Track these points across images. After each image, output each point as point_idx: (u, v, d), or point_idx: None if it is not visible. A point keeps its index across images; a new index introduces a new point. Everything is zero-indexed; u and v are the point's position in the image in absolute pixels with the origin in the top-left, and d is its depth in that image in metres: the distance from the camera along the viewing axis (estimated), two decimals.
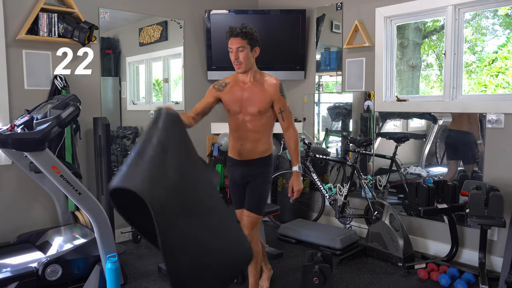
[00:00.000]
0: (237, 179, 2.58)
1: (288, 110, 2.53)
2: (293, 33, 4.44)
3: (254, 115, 2.45)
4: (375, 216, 3.52)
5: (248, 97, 2.45)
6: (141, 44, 4.07)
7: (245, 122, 2.47)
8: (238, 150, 2.52)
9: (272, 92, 2.46)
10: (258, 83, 2.48)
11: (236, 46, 2.39)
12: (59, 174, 2.50)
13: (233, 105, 2.47)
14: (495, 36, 3.45)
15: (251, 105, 2.44)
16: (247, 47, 2.41)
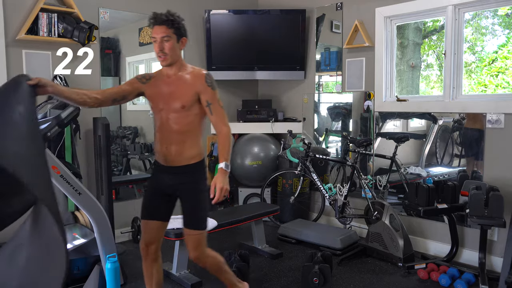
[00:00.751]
0: (162, 187, 2.26)
1: (218, 104, 2.24)
2: (293, 33, 4.44)
3: (178, 112, 2.17)
4: (375, 216, 3.52)
5: (172, 92, 2.18)
6: (141, 44, 4.07)
7: (169, 120, 2.19)
8: (164, 154, 2.22)
9: (197, 82, 2.19)
10: (183, 76, 2.21)
11: (160, 36, 2.11)
12: (59, 174, 2.50)
13: (156, 100, 2.21)
14: (495, 36, 3.45)
15: (174, 100, 2.17)
16: (173, 37, 2.14)
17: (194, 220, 2.24)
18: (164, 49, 2.12)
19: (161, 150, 2.22)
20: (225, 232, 4.12)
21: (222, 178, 2.16)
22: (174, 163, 2.21)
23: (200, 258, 2.26)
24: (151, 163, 4.23)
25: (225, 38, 4.46)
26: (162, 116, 2.19)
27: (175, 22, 2.16)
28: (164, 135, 2.21)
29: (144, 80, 2.24)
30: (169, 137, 2.20)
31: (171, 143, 2.20)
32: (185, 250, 3.08)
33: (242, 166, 4.45)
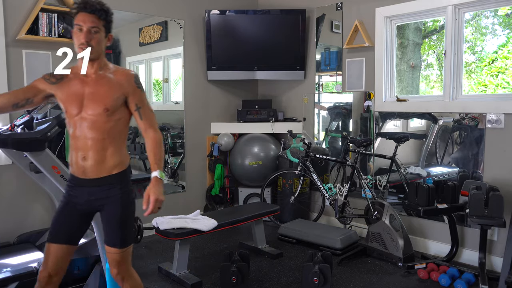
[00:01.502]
0: (79, 204, 1.94)
1: (148, 108, 2.00)
2: (293, 33, 4.44)
3: (98, 116, 1.88)
4: (375, 216, 3.52)
5: (91, 93, 1.90)
6: (141, 44, 4.07)
7: (87, 127, 1.89)
8: (82, 166, 1.91)
9: (125, 83, 1.95)
10: (106, 75, 1.96)
11: (89, 25, 1.83)
12: (59, 174, 2.50)
13: (70, 103, 1.90)
14: (495, 36, 3.45)
15: (94, 103, 1.88)
16: (102, 30, 1.89)
17: (118, 238, 1.94)
18: (90, 41, 1.85)
19: (78, 161, 1.91)
20: (225, 232, 4.12)
21: (156, 189, 1.90)
22: (94, 175, 1.92)
23: (121, 275, 1.99)
24: None
25: (225, 38, 4.46)
26: (78, 121, 1.90)
27: (108, 14, 1.90)
28: (81, 142, 1.90)
29: (53, 80, 1.92)
30: (87, 145, 1.90)
31: (89, 152, 1.90)
32: (185, 250, 3.09)
33: (242, 166, 4.45)
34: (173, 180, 4.41)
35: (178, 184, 4.43)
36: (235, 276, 2.80)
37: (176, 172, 4.41)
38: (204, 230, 3.03)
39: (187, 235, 2.97)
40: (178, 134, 4.40)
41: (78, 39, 1.85)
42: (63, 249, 1.93)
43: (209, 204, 4.54)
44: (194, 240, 3.86)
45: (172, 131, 4.36)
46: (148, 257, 3.57)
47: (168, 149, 4.35)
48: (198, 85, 4.51)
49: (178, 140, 4.41)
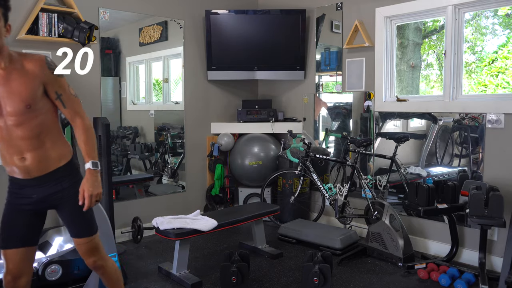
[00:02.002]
0: (28, 206, 1.85)
1: (69, 93, 1.85)
2: (293, 33, 4.44)
3: (21, 114, 1.72)
4: (375, 216, 3.52)
5: (6, 91, 1.71)
6: (141, 44, 4.07)
7: (12, 127, 1.74)
8: (23, 167, 1.78)
9: (39, 71, 1.75)
10: (15, 67, 1.73)
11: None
12: None
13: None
14: (495, 36, 3.45)
15: (12, 101, 1.70)
16: (1, 19, 1.72)
17: (83, 227, 1.92)
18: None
19: (15, 163, 1.77)
20: (225, 232, 4.12)
21: (92, 181, 1.82)
22: (39, 173, 1.81)
23: (98, 262, 1.96)
24: (151, 163, 4.24)
25: (225, 38, 4.46)
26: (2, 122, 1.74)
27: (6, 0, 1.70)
28: (14, 145, 1.76)
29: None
30: (20, 146, 1.76)
31: (25, 152, 1.77)
32: (185, 250, 3.09)
33: (242, 166, 4.45)
34: (173, 180, 4.41)
35: (178, 184, 4.43)
36: (235, 276, 2.80)
37: (176, 172, 4.42)
38: (204, 230, 3.03)
39: (187, 235, 2.97)
40: (178, 134, 4.40)
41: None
42: (21, 252, 1.85)
43: (209, 204, 4.54)
44: (194, 240, 3.86)
45: (172, 131, 4.36)
46: (148, 257, 3.57)
47: (168, 149, 4.35)
48: (198, 85, 4.51)
49: (178, 140, 4.41)
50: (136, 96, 4.14)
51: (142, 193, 4.14)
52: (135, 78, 4.13)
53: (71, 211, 1.89)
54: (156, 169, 4.29)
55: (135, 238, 3.87)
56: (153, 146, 4.23)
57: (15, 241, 1.84)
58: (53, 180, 1.85)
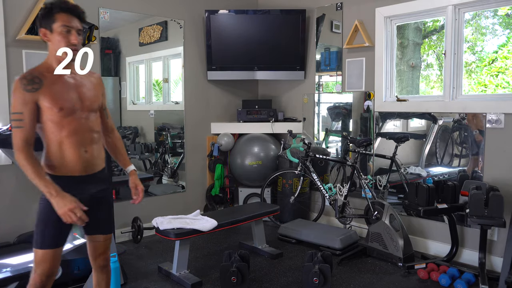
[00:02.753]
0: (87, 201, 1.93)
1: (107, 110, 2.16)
2: (293, 33, 4.44)
3: (94, 112, 1.99)
4: (375, 216, 3.52)
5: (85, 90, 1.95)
6: (141, 44, 4.07)
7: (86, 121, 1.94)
8: (84, 161, 1.93)
9: (100, 84, 2.06)
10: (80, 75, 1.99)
11: (78, 27, 1.85)
12: None
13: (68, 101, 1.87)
14: (495, 36, 3.46)
15: (90, 99, 1.96)
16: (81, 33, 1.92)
17: (112, 224, 2.18)
18: (80, 43, 1.86)
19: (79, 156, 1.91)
20: (225, 232, 4.12)
21: (139, 180, 2.19)
22: (92, 170, 1.97)
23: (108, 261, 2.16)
24: (151, 163, 4.23)
25: (225, 38, 4.46)
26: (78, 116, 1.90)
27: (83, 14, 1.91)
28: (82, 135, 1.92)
29: (36, 87, 1.79)
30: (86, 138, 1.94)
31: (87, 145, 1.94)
32: (185, 250, 3.09)
33: (242, 166, 4.45)
34: (173, 180, 4.41)
35: (178, 184, 4.43)
36: (235, 276, 2.80)
37: (176, 172, 4.41)
38: (204, 230, 3.03)
39: (187, 235, 2.97)
40: (178, 134, 4.40)
41: (67, 40, 1.82)
42: (56, 253, 1.93)
43: (209, 204, 4.54)
44: (194, 240, 3.86)
45: (172, 131, 4.36)
46: (148, 257, 3.57)
47: (168, 149, 4.35)
48: (198, 85, 4.51)
49: (178, 140, 4.41)
50: (136, 96, 4.14)
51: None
52: (135, 78, 4.13)
53: (109, 209, 2.12)
54: (156, 169, 4.29)
55: (135, 238, 3.87)
56: (153, 146, 4.23)
57: (56, 240, 1.92)
58: (99, 179, 2.03)
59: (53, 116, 1.83)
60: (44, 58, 1.90)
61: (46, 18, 1.82)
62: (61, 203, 1.79)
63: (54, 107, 1.82)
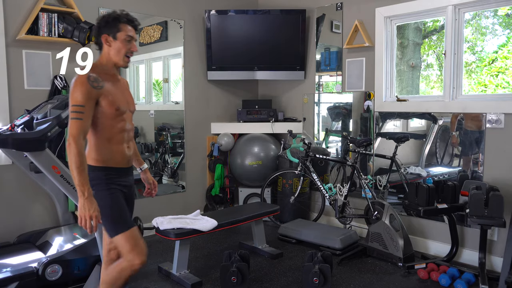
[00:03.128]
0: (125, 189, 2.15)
1: None
2: (293, 33, 4.44)
3: (132, 113, 2.22)
4: (375, 216, 3.52)
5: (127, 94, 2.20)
6: (141, 44, 4.07)
7: (129, 120, 2.19)
8: (128, 155, 2.16)
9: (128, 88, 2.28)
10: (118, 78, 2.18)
11: (135, 38, 2.09)
12: (59, 174, 2.50)
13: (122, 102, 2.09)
14: (495, 36, 3.45)
15: (132, 102, 2.22)
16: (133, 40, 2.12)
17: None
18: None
19: (124, 151, 2.12)
20: (225, 232, 4.12)
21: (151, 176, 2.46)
22: (131, 162, 2.22)
23: None
24: (151, 163, 4.23)
25: (225, 38, 4.46)
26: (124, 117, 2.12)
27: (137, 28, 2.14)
28: (127, 134, 2.16)
29: (101, 85, 1.98)
30: (129, 136, 2.18)
31: (129, 141, 2.19)
32: (186, 250, 3.09)
33: (242, 166, 4.45)
34: (173, 180, 4.41)
35: (178, 184, 4.43)
36: (235, 276, 2.80)
37: (176, 172, 4.42)
38: (204, 230, 3.03)
39: (187, 235, 2.97)
40: (178, 134, 4.40)
41: (128, 47, 2.06)
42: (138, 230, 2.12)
43: (209, 204, 4.54)
44: (194, 240, 3.86)
45: (172, 131, 4.36)
46: (148, 257, 3.55)
47: (168, 149, 4.35)
48: (198, 85, 4.51)
49: (178, 140, 4.41)
50: (136, 96, 4.14)
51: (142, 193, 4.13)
52: (135, 78, 4.13)
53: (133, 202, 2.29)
54: (156, 169, 4.29)
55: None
56: (153, 146, 4.23)
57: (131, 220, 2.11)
58: (132, 172, 2.25)
59: (109, 114, 2.01)
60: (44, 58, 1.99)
61: (111, 27, 2.02)
62: (88, 206, 1.86)
63: (112, 106, 2.01)
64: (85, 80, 1.92)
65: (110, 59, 2.07)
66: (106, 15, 2.04)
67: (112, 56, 2.06)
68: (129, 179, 2.19)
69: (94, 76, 1.95)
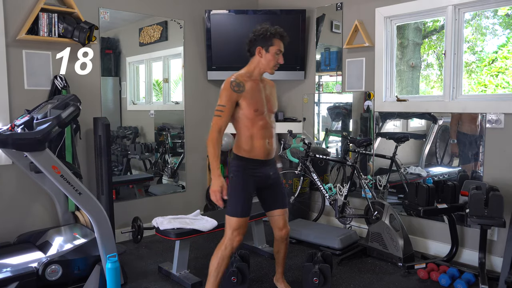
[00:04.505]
0: (259, 178, 2.52)
1: None
2: (293, 33, 4.43)
3: (273, 113, 2.59)
4: (375, 216, 3.52)
5: (270, 97, 2.57)
6: (141, 44, 4.07)
7: (269, 120, 2.54)
8: (268, 149, 2.53)
9: (274, 91, 2.65)
10: (264, 84, 2.56)
11: (283, 51, 2.47)
12: (59, 174, 2.50)
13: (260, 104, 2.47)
14: (495, 36, 3.46)
15: (273, 104, 2.57)
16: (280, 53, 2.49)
17: (285, 199, 2.67)
18: None
19: (265, 146, 2.49)
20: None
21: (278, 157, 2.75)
22: (270, 156, 2.54)
23: (288, 233, 2.69)
24: (151, 163, 4.24)
25: (225, 38, 4.46)
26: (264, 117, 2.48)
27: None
28: (267, 131, 2.49)
29: (241, 89, 2.41)
30: (269, 133, 2.51)
31: (269, 138, 2.52)
32: (186, 250, 3.09)
33: None
34: (173, 180, 4.41)
35: (178, 184, 4.43)
36: (235, 276, 2.80)
37: (176, 172, 4.42)
38: (204, 230, 3.04)
39: (187, 235, 2.98)
40: (178, 134, 4.40)
41: (276, 60, 2.44)
42: (247, 220, 2.52)
43: (209, 204, 4.54)
44: (194, 240, 3.86)
45: (172, 131, 4.36)
46: (148, 257, 3.57)
47: (168, 149, 4.35)
48: (198, 85, 4.51)
49: (178, 140, 4.41)
50: (136, 96, 4.14)
51: (142, 193, 4.14)
52: (135, 78, 4.13)
53: (282, 187, 2.65)
54: (156, 169, 4.29)
55: (135, 238, 3.87)
56: (153, 146, 4.23)
57: (248, 211, 2.49)
58: (273, 164, 2.59)
59: (248, 114, 2.42)
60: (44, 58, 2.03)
61: (266, 41, 2.40)
62: (216, 183, 2.35)
63: (251, 108, 2.40)
64: (228, 86, 2.37)
65: (259, 67, 2.47)
66: (264, 29, 2.40)
67: (262, 65, 2.46)
68: (265, 170, 2.53)
69: (237, 82, 2.38)
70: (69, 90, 3.43)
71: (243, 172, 2.48)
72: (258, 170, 2.50)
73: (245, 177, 2.47)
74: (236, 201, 2.45)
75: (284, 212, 2.64)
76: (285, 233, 2.67)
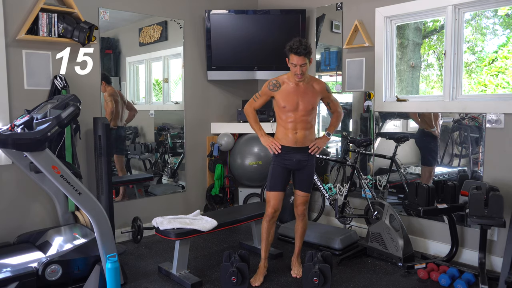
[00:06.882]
0: (291, 163, 2.96)
1: (334, 99, 3.10)
2: (293, 33, 4.42)
3: (306, 111, 2.91)
4: (375, 216, 3.52)
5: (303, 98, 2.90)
6: (141, 44, 4.07)
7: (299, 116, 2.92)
8: (295, 138, 2.93)
9: (321, 91, 2.98)
10: (309, 85, 2.93)
11: (301, 63, 2.77)
12: (59, 174, 2.50)
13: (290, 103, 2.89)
14: (495, 36, 3.45)
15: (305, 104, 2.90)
16: (307, 62, 2.81)
17: (309, 186, 3.06)
18: (301, 73, 2.80)
19: (292, 135, 2.92)
20: (225, 232, 4.12)
21: (323, 140, 3.04)
22: (301, 145, 2.94)
23: (305, 211, 3.10)
24: (151, 163, 4.24)
25: (225, 38, 4.46)
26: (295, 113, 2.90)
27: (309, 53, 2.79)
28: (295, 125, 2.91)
29: (276, 89, 2.93)
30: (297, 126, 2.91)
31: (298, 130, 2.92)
32: (185, 250, 3.09)
33: (242, 166, 4.45)
34: (173, 180, 4.41)
35: (178, 184, 4.43)
36: (235, 276, 2.80)
37: (176, 172, 4.42)
38: (204, 230, 3.03)
39: (187, 235, 2.98)
40: (178, 134, 4.40)
41: (294, 71, 2.82)
42: (278, 195, 2.98)
43: (209, 204, 4.54)
44: (194, 240, 3.86)
45: (172, 131, 4.36)
46: (148, 257, 3.57)
47: (168, 149, 4.35)
48: (198, 85, 4.51)
49: (178, 140, 4.41)
50: (136, 96, 4.14)
51: (142, 193, 4.14)
52: (135, 78, 4.13)
53: (309, 174, 3.04)
54: (156, 169, 4.29)
55: (135, 238, 3.87)
56: (153, 146, 4.23)
57: (278, 187, 2.98)
58: (305, 152, 2.98)
59: (280, 109, 2.94)
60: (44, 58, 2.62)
61: (287, 54, 2.82)
62: (266, 140, 3.01)
63: (281, 104, 2.91)
64: (267, 83, 2.95)
65: (291, 74, 2.88)
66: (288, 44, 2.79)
67: (290, 73, 2.90)
68: (294, 156, 2.95)
69: (273, 82, 2.94)
70: (69, 90, 3.43)
71: (276, 155, 2.98)
72: (288, 155, 2.95)
73: (277, 159, 2.99)
74: (269, 178, 3.00)
75: (303, 194, 3.04)
76: (300, 210, 3.07)
